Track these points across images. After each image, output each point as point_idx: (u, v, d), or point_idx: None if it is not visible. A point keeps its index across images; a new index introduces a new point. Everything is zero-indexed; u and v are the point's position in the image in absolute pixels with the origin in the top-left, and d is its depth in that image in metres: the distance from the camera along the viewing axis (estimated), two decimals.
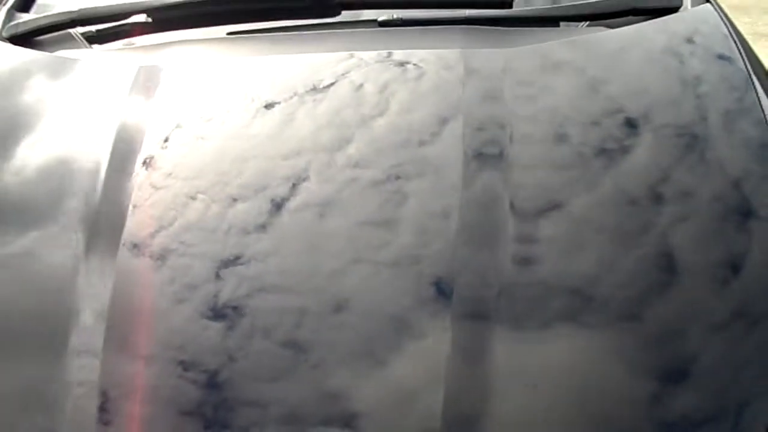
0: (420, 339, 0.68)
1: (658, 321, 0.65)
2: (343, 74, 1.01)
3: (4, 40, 1.15)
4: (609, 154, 0.84)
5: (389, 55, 1.07)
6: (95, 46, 1.15)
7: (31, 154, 0.91)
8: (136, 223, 0.77)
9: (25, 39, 1.16)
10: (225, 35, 1.14)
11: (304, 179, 0.86)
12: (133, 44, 1.16)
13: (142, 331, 0.69)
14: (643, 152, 0.84)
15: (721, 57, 1.02)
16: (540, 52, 1.02)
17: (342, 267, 0.76)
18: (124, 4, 1.16)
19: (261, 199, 0.80)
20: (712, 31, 1.08)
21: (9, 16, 1.22)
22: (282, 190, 0.82)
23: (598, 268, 0.70)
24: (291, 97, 0.96)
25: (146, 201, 0.80)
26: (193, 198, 0.80)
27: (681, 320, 0.65)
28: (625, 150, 0.84)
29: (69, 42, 1.16)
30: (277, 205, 0.81)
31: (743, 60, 0.99)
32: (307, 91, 0.98)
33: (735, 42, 1.05)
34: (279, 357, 0.66)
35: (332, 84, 1.00)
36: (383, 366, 0.65)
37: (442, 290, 0.72)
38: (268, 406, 0.63)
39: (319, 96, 0.97)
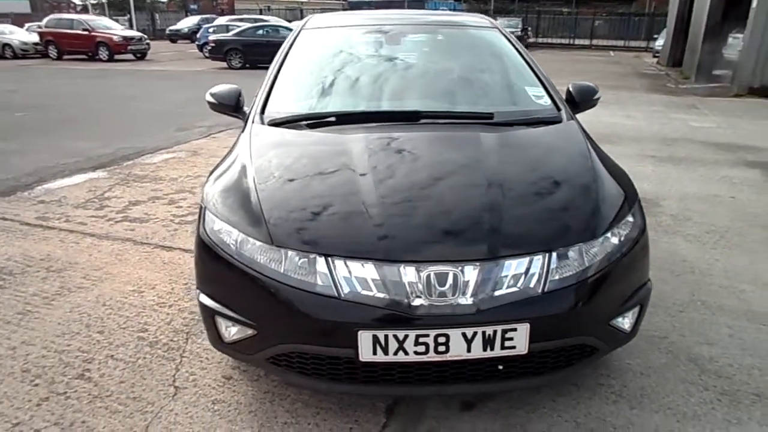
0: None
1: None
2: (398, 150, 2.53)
3: (266, 125, 2.79)
4: (535, 186, 2.34)
5: (424, 137, 2.70)
6: (311, 129, 2.73)
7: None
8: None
9: (276, 125, 2.78)
10: (363, 126, 2.71)
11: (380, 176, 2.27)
12: (327, 129, 2.73)
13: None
14: (526, 187, 2.33)
15: (579, 150, 2.58)
16: (504, 138, 2.62)
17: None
18: (324, 112, 2.89)
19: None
20: (574, 134, 2.74)
21: (261, 115, 2.86)
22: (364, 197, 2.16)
23: (521, 219, 2.12)
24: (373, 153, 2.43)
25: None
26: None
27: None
28: (537, 184, 2.35)
29: (299, 127, 2.76)
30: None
31: (588, 150, 2.57)
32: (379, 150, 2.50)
33: (586, 140, 2.69)
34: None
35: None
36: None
37: (460, 230, 2.08)
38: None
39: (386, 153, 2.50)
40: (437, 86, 3.12)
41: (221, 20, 26.57)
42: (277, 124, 2.76)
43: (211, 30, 23.02)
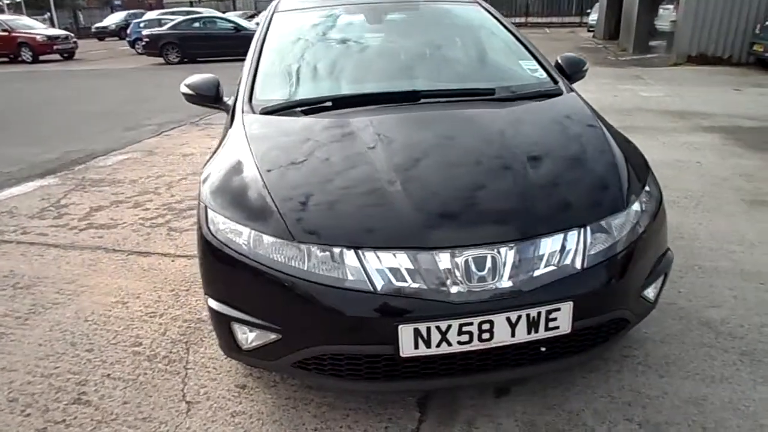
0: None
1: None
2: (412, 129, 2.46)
3: (258, 114, 2.61)
4: (556, 160, 2.23)
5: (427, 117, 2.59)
6: (307, 116, 2.56)
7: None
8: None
9: (270, 113, 2.61)
10: (362, 109, 2.56)
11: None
12: (322, 114, 2.56)
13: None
14: (548, 161, 2.20)
15: (590, 122, 2.53)
16: (514, 113, 2.54)
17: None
18: (320, 97, 2.71)
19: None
20: (580, 106, 2.69)
21: (250, 104, 2.67)
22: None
23: (549, 195, 2.01)
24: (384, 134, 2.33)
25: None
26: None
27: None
28: (558, 158, 2.25)
29: (294, 113, 2.61)
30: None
31: (598, 121, 2.52)
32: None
33: (592, 111, 2.64)
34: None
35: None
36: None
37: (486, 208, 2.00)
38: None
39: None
40: (430, 64, 3.02)
41: (151, 14, 25.43)
42: (269, 112, 2.59)
43: (142, 25, 22.07)
